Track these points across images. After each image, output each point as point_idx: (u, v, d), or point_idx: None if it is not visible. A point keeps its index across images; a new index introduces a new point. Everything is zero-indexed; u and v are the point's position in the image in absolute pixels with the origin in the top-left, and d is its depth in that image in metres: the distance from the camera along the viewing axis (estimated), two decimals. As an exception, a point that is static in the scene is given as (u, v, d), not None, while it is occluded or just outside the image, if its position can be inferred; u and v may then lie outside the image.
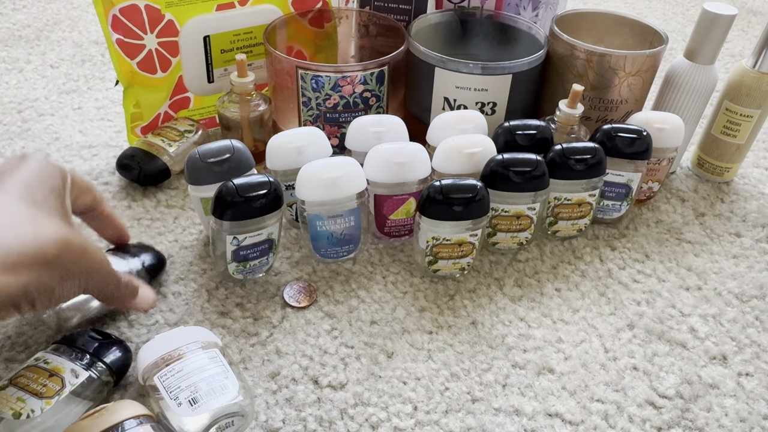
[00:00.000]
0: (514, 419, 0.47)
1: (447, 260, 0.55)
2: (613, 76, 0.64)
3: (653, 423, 0.47)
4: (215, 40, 0.67)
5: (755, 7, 1.24)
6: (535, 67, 0.65)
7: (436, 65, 0.64)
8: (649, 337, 0.54)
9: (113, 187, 0.67)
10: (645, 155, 0.60)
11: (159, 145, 0.66)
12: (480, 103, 0.65)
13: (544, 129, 0.60)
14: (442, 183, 0.52)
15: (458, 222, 0.53)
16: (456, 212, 0.52)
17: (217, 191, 0.50)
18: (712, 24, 0.62)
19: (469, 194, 0.52)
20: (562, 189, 0.59)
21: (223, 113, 0.65)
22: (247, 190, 0.49)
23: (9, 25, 0.98)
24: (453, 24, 0.74)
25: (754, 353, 0.53)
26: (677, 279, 0.60)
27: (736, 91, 0.67)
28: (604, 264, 0.61)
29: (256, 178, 0.50)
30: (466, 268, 0.57)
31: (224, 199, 0.49)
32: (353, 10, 0.74)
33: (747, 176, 0.75)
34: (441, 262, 0.55)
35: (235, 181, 0.49)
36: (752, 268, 0.62)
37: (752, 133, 0.69)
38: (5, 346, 0.49)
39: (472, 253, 0.56)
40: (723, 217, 0.68)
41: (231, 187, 0.49)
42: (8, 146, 0.72)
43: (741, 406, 0.49)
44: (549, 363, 0.51)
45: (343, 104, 0.64)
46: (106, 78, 0.86)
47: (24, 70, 0.86)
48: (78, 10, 1.04)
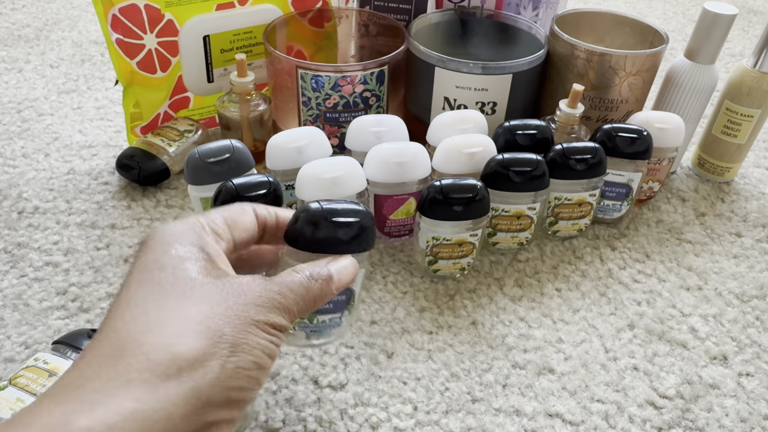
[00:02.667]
0: (515, 419, 0.47)
1: (447, 260, 0.55)
2: (614, 75, 0.64)
3: (654, 423, 0.47)
4: (215, 39, 0.67)
5: (756, 6, 1.24)
6: (535, 66, 0.65)
7: (436, 65, 0.64)
8: (650, 337, 0.54)
9: (113, 187, 0.66)
10: (645, 155, 0.60)
11: (159, 145, 0.66)
12: (480, 102, 0.65)
13: (544, 129, 0.60)
14: (442, 183, 0.52)
15: (458, 222, 0.53)
16: (456, 212, 0.52)
17: (217, 191, 0.49)
18: (713, 24, 0.62)
19: (470, 194, 0.52)
20: (563, 189, 0.59)
21: (223, 113, 0.65)
22: (247, 190, 0.49)
23: (8, 24, 0.98)
24: (453, 24, 0.74)
25: (754, 353, 0.53)
26: (678, 279, 0.60)
27: (736, 91, 0.67)
28: (605, 264, 0.61)
29: (255, 177, 0.50)
30: (466, 268, 0.57)
31: (224, 199, 0.49)
32: (353, 10, 0.74)
33: (747, 176, 0.75)
34: (441, 262, 0.55)
35: (235, 180, 0.49)
36: (753, 268, 0.62)
37: (753, 132, 0.69)
38: (5, 346, 0.49)
39: (472, 253, 0.55)
40: (723, 217, 0.68)
41: (230, 187, 0.49)
42: (8, 146, 0.72)
43: (741, 406, 0.49)
44: (549, 363, 0.51)
45: (343, 104, 0.64)
46: (105, 78, 0.86)
47: (23, 70, 0.86)
48: (77, 10, 1.04)
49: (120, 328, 0.27)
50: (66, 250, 0.58)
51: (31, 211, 0.63)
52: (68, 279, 0.55)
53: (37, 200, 0.64)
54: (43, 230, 0.60)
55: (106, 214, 0.63)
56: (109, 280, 0.56)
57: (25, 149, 0.71)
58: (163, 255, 0.30)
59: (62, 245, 0.59)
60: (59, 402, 0.25)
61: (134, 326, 0.27)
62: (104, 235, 0.60)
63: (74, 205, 0.64)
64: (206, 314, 0.28)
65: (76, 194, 0.65)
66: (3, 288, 0.54)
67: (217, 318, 0.28)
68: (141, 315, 0.28)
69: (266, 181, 0.50)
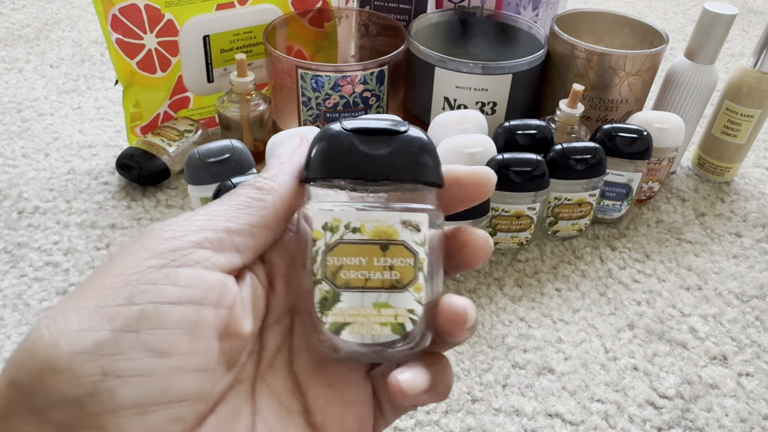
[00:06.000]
0: (514, 419, 0.47)
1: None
2: (614, 75, 0.64)
3: (653, 423, 0.47)
4: (215, 39, 0.67)
5: (756, 6, 1.24)
6: (535, 66, 0.65)
7: (436, 65, 0.64)
8: (650, 337, 0.54)
9: (113, 186, 0.66)
10: (645, 155, 0.60)
11: (159, 145, 0.66)
12: (480, 102, 0.65)
13: (544, 129, 0.60)
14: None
15: (458, 222, 0.53)
16: (456, 212, 0.52)
17: (216, 190, 0.49)
18: (713, 23, 0.62)
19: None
20: (563, 189, 0.59)
21: (223, 113, 0.65)
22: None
23: (8, 24, 0.98)
24: (453, 23, 0.74)
25: (754, 353, 0.53)
26: (677, 279, 0.60)
27: (736, 91, 0.67)
28: (605, 264, 0.61)
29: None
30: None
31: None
32: (353, 10, 0.74)
33: (747, 176, 0.75)
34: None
35: (234, 180, 0.49)
36: (753, 268, 0.62)
37: (753, 132, 0.69)
38: (5, 345, 0.49)
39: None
40: (723, 217, 0.68)
41: (230, 187, 0.49)
42: (8, 146, 0.72)
43: (741, 406, 0.49)
44: (549, 363, 0.51)
45: (343, 104, 0.64)
46: (105, 78, 0.86)
47: (23, 70, 0.86)
48: (77, 10, 1.04)
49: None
50: (66, 250, 0.58)
51: (31, 211, 0.63)
52: (68, 279, 0.55)
53: (37, 200, 0.64)
54: (43, 230, 0.60)
55: (106, 214, 0.63)
56: (109, 280, 0.56)
57: (25, 149, 0.71)
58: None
59: (62, 245, 0.59)
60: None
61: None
62: (104, 235, 0.60)
63: (74, 205, 0.64)
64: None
65: (76, 194, 0.65)
66: (3, 288, 0.54)
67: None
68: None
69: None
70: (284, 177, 0.24)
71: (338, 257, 0.22)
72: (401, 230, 0.22)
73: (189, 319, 0.20)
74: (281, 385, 0.23)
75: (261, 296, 0.23)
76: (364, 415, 0.24)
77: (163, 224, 0.22)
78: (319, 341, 0.22)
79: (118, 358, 0.19)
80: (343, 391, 0.24)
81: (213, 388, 0.21)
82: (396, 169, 0.23)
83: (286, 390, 0.23)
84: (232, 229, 0.22)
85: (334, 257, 0.22)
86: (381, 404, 0.25)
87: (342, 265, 0.22)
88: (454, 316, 0.22)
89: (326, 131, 0.23)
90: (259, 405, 0.22)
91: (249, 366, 0.23)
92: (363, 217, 0.22)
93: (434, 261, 0.23)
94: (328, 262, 0.22)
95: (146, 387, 0.19)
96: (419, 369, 0.22)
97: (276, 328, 0.24)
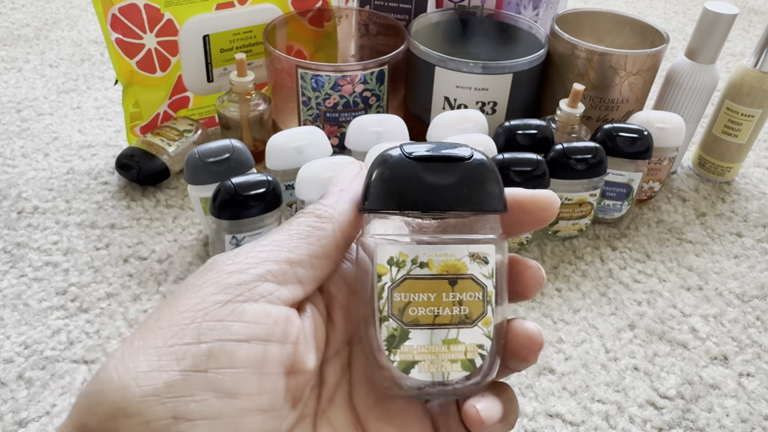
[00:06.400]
0: (515, 420, 0.46)
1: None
2: (614, 75, 0.64)
3: (654, 423, 0.47)
4: (215, 39, 0.67)
5: (756, 6, 1.24)
6: (535, 66, 0.65)
7: (436, 64, 0.63)
8: (650, 337, 0.54)
9: (112, 186, 0.66)
10: (646, 155, 0.59)
11: (158, 145, 0.66)
12: (480, 102, 0.65)
13: (544, 128, 0.59)
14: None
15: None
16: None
17: (216, 190, 0.49)
18: (714, 23, 0.62)
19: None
20: (563, 189, 0.58)
21: (223, 113, 0.65)
22: (246, 189, 0.49)
23: (8, 24, 0.97)
24: (453, 23, 0.74)
25: (755, 353, 0.53)
26: (678, 279, 0.60)
27: (737, 91, 0.67)
28: (605, 264, 0.61)
29: (254, 177, 0.50)
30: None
31: (223, 198, 0.49)
32: (353, 9, 0.74)
33: (748, 176, 0.75)
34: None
35: (234, 180, 0.49)
36: (753, 268, 0.62)
37: (753, 132, 0.69)
38: (5, 346, 0.49)
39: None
40: (724, 217, 0.68)
41: (230, 186, 0.49)
42: (7, 146, 0.71)
43: (742, 406, 0.49)
44: (549, 363, 0.51)
45: (343, 104, 0.64)
46: (105, 77, 0.86)
47: (23, 70, 0.86)
48: (77, 9, 1.04)
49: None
50: (65, 250, 0.58)
51: (30, 211, 0.62)
52: (68, 279, 0.55)
53: (37, 200, 0.64)
54: (42, 230, 0.60)
55: (105, 213, 0.63)
56: (108, 280, 0.55)
57: (25, 149, 0.71)
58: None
59: (62, 245, 0.59)
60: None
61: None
62: (104, 234, 0.60)
63: (74, 205, 0.63)
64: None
65: (75, 194, 0.65)
66: (2, 288, 0.54)
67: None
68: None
69: (266, 180, 0.50)
70: (344, 205, 0.23)
71: (406, 293, 0.22)
72: (469, 263, 0.22)
73: (256, 357, 0.20)
74: (342, 421, 0.23)
75: (322, 329, 0.23)
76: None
77: (226, 256, 0.22)
78: (384, 378, 0.22)
79: (188, 400, 0.18)
80: (404, 426, 0.23)
81: (280, 427, 0.20)
82: (462, 198, 0.22)
83: (348, 426, 0.23)
84: (294, 260, 0.21)
85: (401, 293, 0.22)
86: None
87: (410, 302, 0.22)
88: (529, 341, 0.22)
89: (387, 158, 0.22)
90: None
91: (311, 401, 0.22)
92: (430, 252, 0.22)
93: (500, 289, 0.23)
94: (395, 298, 0.22)
95: (216, 430, 0.18)
96: (492, 398, 0.22)
97: (335, 361, 0.23)
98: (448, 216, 0.22)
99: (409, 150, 0.22)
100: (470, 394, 0.22)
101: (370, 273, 0.22)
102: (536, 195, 0.23)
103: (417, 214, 0.22)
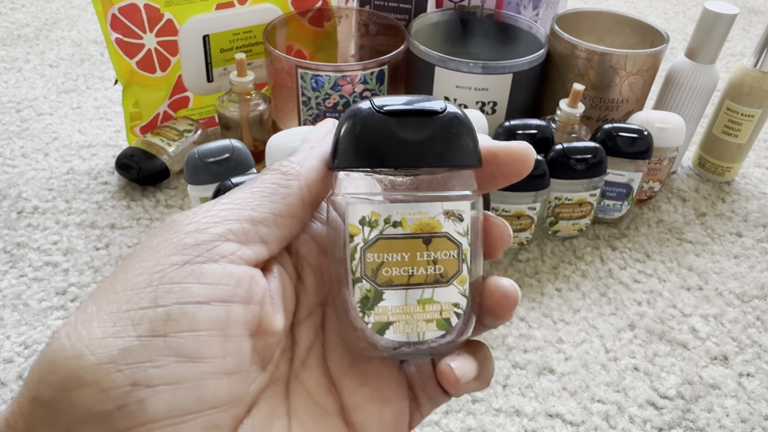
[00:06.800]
0: (515, 420, 0.46)
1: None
2: (614, 75, 0.64)
3: (654, 423, 0.47)
4: (214, 39, 0.67)
5: (756, 6, 1.24)
6: (535, 66, 0.65)
7: (436, 64, 0.63)
8: (650, 337, 0.54)
9: (112, 186, 0.66)
10: (646, 155, 0.59)
11: (158, 145, 0.66)
12: (480, 102, 0.65)
13: (544, 128, 0.59)
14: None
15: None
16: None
17: (216, 190, 0.49)
18: (714, 23, 0.62)
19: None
20: (563, 189, 0.58)
21: (223, 113, 0.65)
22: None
23: (8, 24, 0.97)
24: (453, 23, 0.74)
25: (755, 353, 0.53)
26: (678, 279, 0.60)
27: (737, 91, 0.67)
28: (605, 264, 0.61)
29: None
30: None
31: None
32: (353, 9, 0.74)
33: (748, 176, 0.75)
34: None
35: (234, 180, 0.49)
36: (753, 268, 0.62)
37: (753, 132, 0.69)
38: (4, 346, 0.49)
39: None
40: (724, 217, 0.68)
41: (230, 186, 0.49)
42: (7, 146, 0.71)
43: (742, 406, 0.49)
44: (549, 363, 0.51)
45: (342, 103, 0.64)
46: (105, 77, 0.86)
47: (23, 70, 0.86)
48: (77, 9, 1.04)
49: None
50: (65, 250, 0.58)
51: (30, 211, 0.62)
52: (68, 279, 0.55)
53: (37, 200, 0.64)
54: (42, 230, 0.60)
55: (105, 214, 0.63)
56: (108, 280, 0.55)
57: (25, 149, 0.71)
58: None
59: (62, 245, 0.59)
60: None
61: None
62: (104, 235, 0.60)
63: (73, 205, 0.63)
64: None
65: (75, 194, 0.65)
66: (2, 288, 0.54)
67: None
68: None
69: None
70: (312, 162, 0.22)
71: (379, 254, 0.21)
72: (444, 221, 0.21)
73: (219, 319, 0.19)
74: (316, 384, 0.22)
75: (290, 289, 0.22)
76: (401, 411, 0.23)
77: (184, 215, 0.20)
78: (358, 339, 0.21)
79: (146, 366, 0.17)
80: (379, 388, 0.23)
81: (247, 391, 0.20)
82: (436, 154, 0.21)
83: (322, 388, 0.22)
84: (256, 219, 0.20)
85: (375, 254, 0.21)
86: (417, 397, 0.24)
87: (383, 262, 0.21)
88: (504, 298, 0.22)
89: (356, 112, 0.21)
90: (295, 405, 0.21)
91: (282, 365, 0.22)
92: (403, 210, 0.21)
93: (475, 246, 0.22)
94: (368, 259, 0.21)
95: (178, 395, 0.18)
96: (467, 356, 0.22)
97: (308, 323, 0.23)
98: (422, 172, 0.21)
99: (379, 104, 0.21)
100: (446, 353, 0.22)
101: (342, 233, 0.21)
102: (511, 147, 0.22)
103: (389, 171, 0.21)
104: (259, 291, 0.20)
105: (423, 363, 0.24)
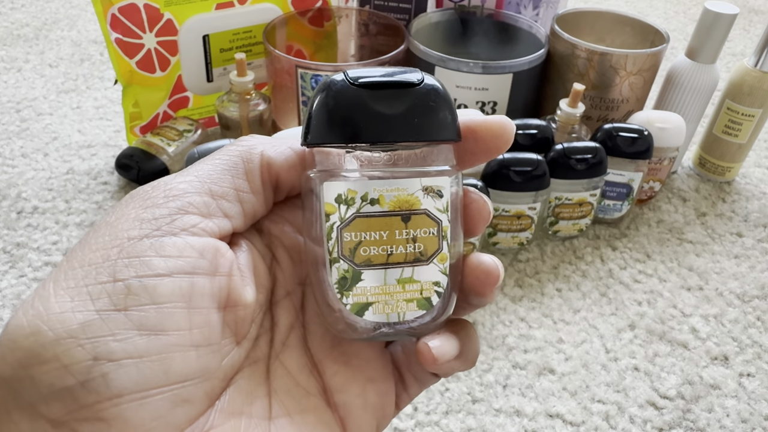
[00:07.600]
0: (515, 420, 0.46)
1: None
2: (614, 75, 0.64)
3: (654, 424, 0.47)
4: (214, 39, 0.67)
5: (757, 6, 1.24)
6: (535, 66, 0.65)
7: (436, 64, 0.63)
8: (651, 337, 0.54)
9: (112, 186, 0.66)
10: (646, 155, 0.59)
11: (158, 145, 0.66)
12: (480, 102, 0.65)
13: (544, 128, 0.59)
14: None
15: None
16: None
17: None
18: (714, 23, 0.62)
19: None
20: (563, 189, 0.58)
21: (223, 112, 0.65)
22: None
23: (7, 24, 0.97)
24: (453, 23, 0.74)
25: (755, 353, 0.53)
26: (678, 279, 0.60)
27: (737, 91, 0.67)
28: (605, 264, 0.61)
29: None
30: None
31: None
32: (353, 9, 0.74)
33: (749, 176, 0.75)
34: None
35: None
36: (754, 268, 0.62)
37: (754, 132, 0.69)
38: (3, 346, 0.49)
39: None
40: (724, 217, 0.68)
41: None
42: (7, 146, 0.71)
43: (742, 406, 0.49)
44: (550, 363, 0.51)
45: (342, 103, 0.64)
46: (104, 77, 0.86)
47: (22, 70, 0.86)
48: (77, 9, 1.04)
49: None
50: (65, 250, 0.58)
51: (30, 211, 0.62)
52: (67, 279, 0.55)
53: (36, 200, 0.64)
54: (42, 230, 0.60)
55: (105, 214, 0.63)
56: (108, 280, 0.55)
57: (24, 149, 0.71)
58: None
59: (61, 245, 0.59)
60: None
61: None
62: (103, 235, 0.60)
63: (73, 205, 0.63)
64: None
65: (75, 194, 0.65)
66: (2, 288, 0.54)
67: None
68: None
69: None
70: (281, 137, 0.21)
71: (356, 232, 0.20)
72: (423, 198, 0.20)
73: (182, 291, 0.18)
74: (297, 365, 0.22)
75: (262, 265, 0.21)
76: (386, 391, 0.23)
77: (142, 190, 0.20)
78: (337, 321, 0.21)
79: (108, 339, 0.17)
80: (362, 368, 0.22)
81: (219, 364, 0.19)
82: (413, 128, 0.20)
83: (303, 369, 0.22)
84: (217, 193, 0.20)
85: (352, 233, 0.20)
86: (404, 378, 0.23)
87: (361, 241, 0.20)
88: (485, 275, 0.21)
89: (329, 85, 0.20)
90: (275, 386, 0.21)
91: (263, 345, 0.21)
92: (381, 187, 0.20)
93: (455, 223, 0.21)
94: (345, 238, 0.20)
95: (143, 369, 0.17)
96: (448, 335, 0.21)
97: (286, 303, 0.22)
98: (399, 147, 0.20)
99: (353, 76, 0.20)
100: (427, 333, 0.21)
101: (317, 212, 0.20)
102: (490, 120, 0.21)
103: (365, 146, 0.20)
104: (225, 263, 0.19)
105: (409, 343, 0.23)
